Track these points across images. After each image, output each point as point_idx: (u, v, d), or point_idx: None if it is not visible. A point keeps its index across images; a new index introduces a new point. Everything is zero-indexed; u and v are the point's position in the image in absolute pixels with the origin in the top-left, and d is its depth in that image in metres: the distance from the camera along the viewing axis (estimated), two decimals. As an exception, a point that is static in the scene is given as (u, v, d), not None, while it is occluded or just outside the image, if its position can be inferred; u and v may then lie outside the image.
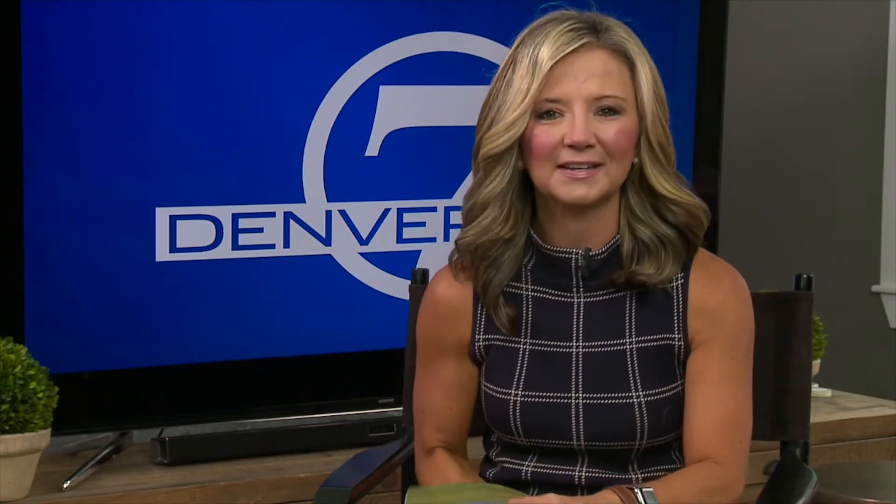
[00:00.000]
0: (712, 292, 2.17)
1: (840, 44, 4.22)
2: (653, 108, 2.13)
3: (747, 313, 2.20)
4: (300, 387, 3.11)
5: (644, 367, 2.15)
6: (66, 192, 2.84)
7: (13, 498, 2.67)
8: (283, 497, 2.88)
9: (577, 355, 2.17)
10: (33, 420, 2.62)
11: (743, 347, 2.18)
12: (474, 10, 3.19)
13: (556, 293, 2.19)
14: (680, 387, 2.17)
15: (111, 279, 2.89)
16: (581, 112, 2.10)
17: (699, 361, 2.16)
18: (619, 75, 2.12)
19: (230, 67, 2.96)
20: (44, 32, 2.78)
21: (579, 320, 2.18)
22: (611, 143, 2.10)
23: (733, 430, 2.16)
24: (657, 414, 2.14)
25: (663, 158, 2.14)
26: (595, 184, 2.11)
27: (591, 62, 2.11)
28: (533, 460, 2.19)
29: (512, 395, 2.17)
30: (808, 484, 2.24)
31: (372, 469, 2.30)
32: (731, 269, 2.21)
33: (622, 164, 2.12)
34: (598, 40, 2.12)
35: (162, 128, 2.91)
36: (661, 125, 2.14)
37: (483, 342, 2.21)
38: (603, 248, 2.16)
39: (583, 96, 2.10)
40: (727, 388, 2.15)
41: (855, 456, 3.45)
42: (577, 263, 2.16)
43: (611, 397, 2.14)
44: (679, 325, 2.16)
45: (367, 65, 3.09)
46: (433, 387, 2.25)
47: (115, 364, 2.91)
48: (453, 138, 3.18)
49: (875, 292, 4.28)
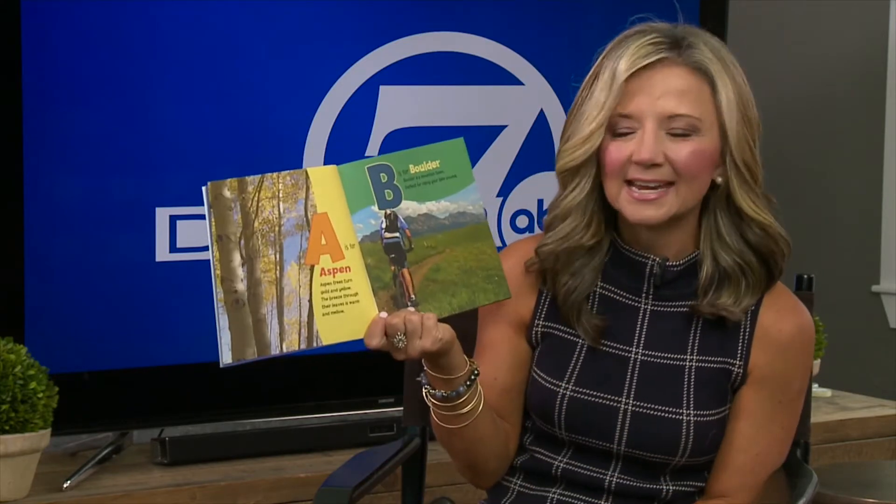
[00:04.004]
0: (781, 328, 2.14)
1: (840, 44, 4.22)
2: (738, 128, 2.08)
3: (807, 358, 2.17)
4: (300, 387, 3.11)
5: (700, 386, 2.13)
6: (66, 192, 2.84)
7: (13, 498, 2.67)
8: (283, 497, 2.88)
9: (634, 361, 2.15)
10: (33, 420, 2.62)
11: (794, 391, 2.16)
12: (474, 10, 3.19)
13: (625, 295, 2.17)
14: (727, 411, 2.15)
15: (111, 279, 2.89)
16: (651, 129, 2.06)
17: (748, 397, 2.14)
18: (697, 94, 2.07)
19: (230, 67, 2.96)
20: (44, 32, 2.78)
21: (643, 327, 2.16)
22: (680, 164, 2.07)
23: (761, 471, 2.15)
24: (703, 435, 2.12)
25: (750, 179, 2.10)
26: (663, 205, 2.08)
27: (668, 79, 2.07)
28: (567, 456, 2.17)
29: (562, 387, 2.14)
30: (808, 484, 2.24)
31: (372, 469, 2.29)
32: (802, 308, 2.18)
33: (694, 185, 2.09)
34: (678, 56, 2.08)
35: (162, 128, 2.91)
36: (747, 145, 2.09)
37: (542, 328, 2.18)
38: (680, 261, 2.14)
39: (655, 113, 2.06)
40: (766, 431, 2.15)
41: (855, 456, 3.45)
42: (651, 270, 2.14)
43: (661, 410, 2.12)
44: (742, 352, 2.14)
45: (367, 65, 3.09)
46: (483, 353, 2.20)
47: (115, 364, 2.91)
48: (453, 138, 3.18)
49: (875, 292, 4.28)
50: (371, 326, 1.98)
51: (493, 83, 3.22)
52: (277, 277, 1.96)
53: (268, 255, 1.96)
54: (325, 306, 1.97)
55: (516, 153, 3.26)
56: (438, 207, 2.03)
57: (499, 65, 3.22)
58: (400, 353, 1.98)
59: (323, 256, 1.98)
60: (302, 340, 1.97)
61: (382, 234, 2.01)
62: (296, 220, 1.98)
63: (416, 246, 2.01)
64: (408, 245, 2.01)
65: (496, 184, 3.26)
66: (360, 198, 2.01)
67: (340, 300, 1.98)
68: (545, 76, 3.27)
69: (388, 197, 2.01)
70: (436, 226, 2.02)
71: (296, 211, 1.98)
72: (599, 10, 3.29)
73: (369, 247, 2.00)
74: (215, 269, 1.95)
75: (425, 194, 2.03)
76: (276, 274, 1.96)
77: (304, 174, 1.99)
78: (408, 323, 1.97)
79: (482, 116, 3.23)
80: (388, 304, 1.99)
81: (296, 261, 1.97)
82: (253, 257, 1.96)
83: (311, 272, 1.97)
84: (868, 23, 4.23)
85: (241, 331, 1.95)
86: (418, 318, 1.97)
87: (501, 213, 3.27)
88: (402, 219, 2.02)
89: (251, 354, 1.96)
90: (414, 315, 1.97)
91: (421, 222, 2.02)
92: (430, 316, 1.98)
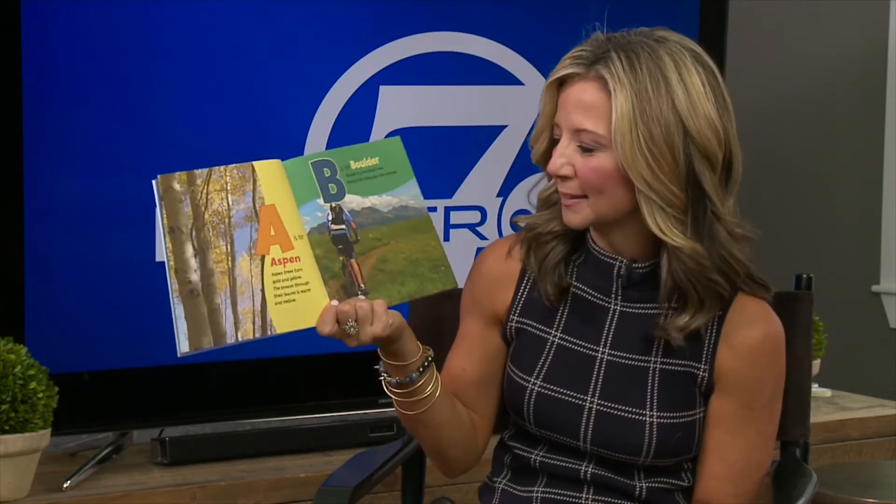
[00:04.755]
0: (747, 335, 2.14)
1: (840, 44, 4.22)
2: (629, 147, 2.03)
3: (777, 364, 2.17)
4: (300, 387, 3.11)
5: (663, 389, 2.14)
6: (66, 192, 2.84)
7: (13, 498, 2.67)
8: (283, 497, 2.88)
9: (601, 361, 2.16)
10: (33, 420, 2.62)
11: (766, 398, 2.16)
12: (474, 10, 3.19)
13: (596, 295, 2.18)
14: (697, 415, 2.15)
15: (111, 279, 2.89)
16: (564, 141, 2.09)
17: (720, 405, 2.15)
18: (601, 110, 2.05)
19: (230, 67, 2.96)
20: (44, 32, 2.78)
21: (611, 327, 2.17)
22: (582, 179, 2.07)
23: (742, 480, 2.15)
24: (667, 437, 2.13)
25: (659, 199, 2.05)
26: (578, 212, 2.10)
27: (580, 93, 2.08)
28: (542, 450, 2.19)
29: (531, 383, 2.17)
30: (808, 484, 2.24)
31: (372, 469, 2.30)
32: (770, 316, 2.16)
33: (604, 198, 2.08)
34: (588, 71, 2.08)
35: (162, 128, 2.91)
36: (647, 166, 2.03)
37: (516, 324, 2.21)
38: (646, 264, 2.14)
39: (567, 126, 2.08)
40: (743, 437, 2.15)
41: (855, 456, 3.45)
42: (619, 271, 2.15)
43: (624, 410, 2.13)
44: (707, 356, 2.14)
45: (367, 65, 3.09)
46: (456, 345, 2.24)
47: (115, 364, 2.91)
48: (453, 138, 3.19)
49: (875, 292, 4.28)
50: (323, 314, 2.00)
51: (493, 83, 3.22)
52: (230, 268, 2.00)
53: (219, 245, 2.00)
54: (277, 295, 2.00)
55: (516, 153, 3.26)
56: (381, 202, 2.08)
57: (499, 65, 3.22)
58: (352, 339, 2.01)
59: (273, 247, 2.01)
60: (256, 329, 2.00)
61: (329, 226, 2.05)
62: (244, 212, 2.02)
63: (362, 238, 2.05)
64: (354, 237, 2.05)
65: (496, 184, 3.26)
66: (306, 191, 2.05)
67: (292, 289, 2.01)
68: (545, 76, 3.25)
69: (332, 191, 2.06)
70: (380, 219, 2.07)
71: (244, 203, 2.02)
72: (599, 10, 3.29)
73: (317, 238, 2.03)
74: (169, 261, 1.99)
75: (367, 189, 2.07)
76: (228, 264, 2.00)
77: (251, 167, 2.04)
78: (359, 309, 1.99)
79: (482, 116, 3.23)
80: (338, 292, 2.03)
81: (246, 251, 2.01)
82: (205, 248, 2.00)
83: (263, 262, 2.01)
84: (868, 23, 4.23)
85: (197, 320, 1.99)
86: (368, 305, 2.00)
87: (501, 213, 3.27)
88: (346, 212, 2.06)
89: (207, 343, 1.99)
90: (364, 302, 2.00)
91: (365, 215, 2.06)
92: (380, 302, 2.01)
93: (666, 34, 2.11)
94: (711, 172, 2.06)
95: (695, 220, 2.07)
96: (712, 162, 2.06)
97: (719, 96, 2.08)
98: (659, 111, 2.03)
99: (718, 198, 2.07)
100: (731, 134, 2.09)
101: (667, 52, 2.07)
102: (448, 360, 2.24)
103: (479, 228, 3.25)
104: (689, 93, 2.05)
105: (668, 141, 2.03)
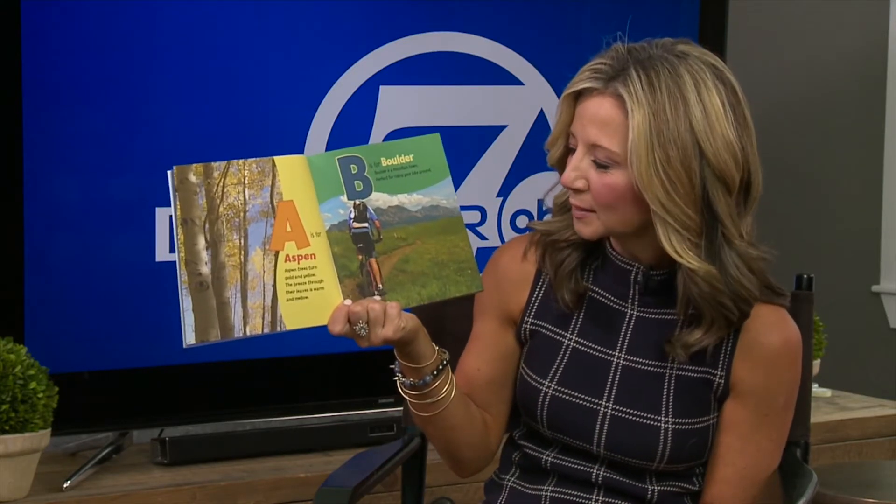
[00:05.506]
0: (765, 342, 2.13)
1: (840, 44, 4.22)
2: (644, 164, 2.01)
3: (793, 372, 2.16)
4: (300, 387, 3.11)
5: (680, 395, 2.13)
6: (66, 192, 2.85)
7: (13, 498, 2.67)
8: (283, 497, 2.88)
9: (616, 366, 2.16)
10: (33, 420, 2.62)
11: (780, 405, 2.15)
12: (474, 10, 3.19)
13: (613, 299, 2.17)
14: (711, 421, 2.15)
15: (111, 279, 2.89)
16: (579, 154, 2.07)
17: (734, 410, 2.14)
18: (617, 127, 2.03)
19: (230, 67, 2.96)
20: (44, 32, 2.79)
21: (627, 332, 2.16)
22: (594, 194, 2.07)
23: (751, 485, 2.16)
24: (681, 443, 2.13)
25: (673, 221, 2.02)
26: (589, 224, 2.10)
27: (597, 108, 2.05)
28: (554, 451, 2.19)
29: (545, 385, 2.16)
30: (808, 484, 2.23)
31: (372, 469, 2.29)
32: (789, 322, 2.16)
33: (615, 215, 2.07)
34: (605, 87, 2.04)
35: (162, 128, 2.91)
36: (661, 185, 2.01)
37: (531, 325, 2.20)
38: (663, 272, 2.13)
39: (583, 139, 2.06)
40: (754, 443, 2.15)
41: (855, 456, 3.45)
42: (636, 277, 2.15)
43: (639, 416, 2.13)
44: (724, 363, 2.14)
45: (367, 65, 3.09)
46: (470, 344, 2.24)
47: (115, 364, 2.91)
48: (453, 138, 3.18)
49: (875, 292, 4.28)
50: (335, 313, 2.00)
51: (493, 83, 3.22)
52: (242, 262, 1.99)
53: (232, 239, 2.00)
54: (289, 292, 2.00)
55: (516, 153, 3.26)
56: (410, 200, 2.07)
57: (499, 65, 3.22)
58: (363, 340, 2.01)
59: (288, 243, 2.01)
60: (265, 325, 2.00)
61: (350, 224, 2.03)
62: (261, 207, 2.01)
63: (385, 237, 2.04)
64: (376, 235, 2.04)
65: (496, 184, 3.26)
66: (329, 188, 2.03)
67: (305, 286, 2.01)
68: (545, 76, 3.27)
69: (357, 188, 2.04)
70: (407, 218, 2.06)
71: (261, 198, 2.01)
72: (599, 11, 3.29)
73: (337, 235, 2.02)
74: (180, 252, 1.98)
75: (397, 187, 2.06)
76: (240, 258, 1.99)
77: (272, 162, 2.03)
78: (370, 311, 1.99)
79: (482, 116, 3.23)
80: (354, 292, 2.02)
81: (260, 246, 2.00)
82: (217, 241, 1.99)
83: (276, 258, 2.00)
84: (868, 23, 4.23)
85: (205, 313, 1.98)
86: (381, 307, 1.99)
87: (501, 213, 3.27)
88: (371, 210, 2.04)
89: (214, 336, 1.98)
90: (376, 303, 2.00)
91: (392, 214, 2.05)
92: (394, 305, 2.00)
93: (687, 48, 2.07)
94: (727, 195, 2.04)
95: (709, 242, 2.05)
96: (728, 185, 2.04)
97: (739, 115, 2.05)
98: (676, 133, 2.01)
99: (732, 221, 2.05)
100: (750, 153, 2.06)
101: (687, 69, 2.04)
102: (462, 360, 2.24)
103: (479, 228, 3.25)
104: (708, 114, 2.02)
105: (684, 163, 2.01)
